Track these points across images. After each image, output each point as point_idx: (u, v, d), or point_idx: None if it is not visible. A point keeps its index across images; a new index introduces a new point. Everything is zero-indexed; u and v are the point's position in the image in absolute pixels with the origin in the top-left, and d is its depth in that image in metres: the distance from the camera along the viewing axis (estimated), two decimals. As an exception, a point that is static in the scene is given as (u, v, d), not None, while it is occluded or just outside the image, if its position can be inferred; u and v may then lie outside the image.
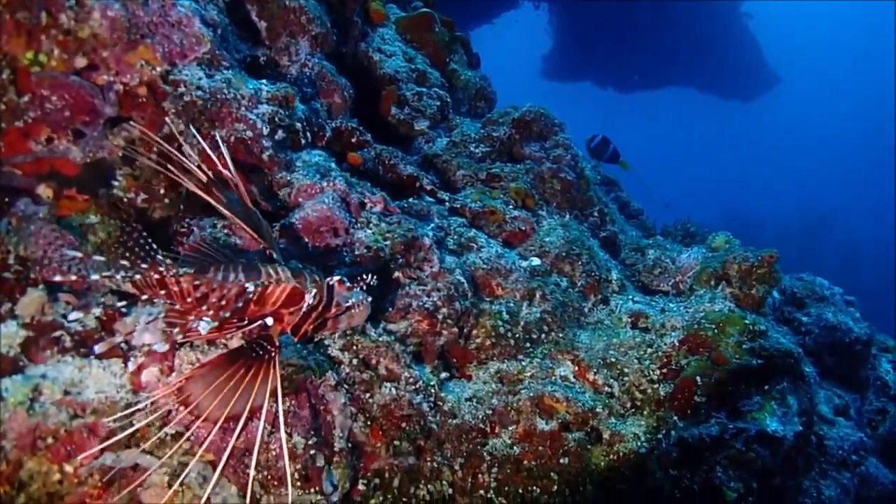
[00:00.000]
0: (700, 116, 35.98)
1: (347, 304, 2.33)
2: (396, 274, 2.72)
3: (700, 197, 34.72)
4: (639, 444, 2.59)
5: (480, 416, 2.70)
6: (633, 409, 2.71)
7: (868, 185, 39.37)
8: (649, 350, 2.80)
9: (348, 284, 2.32)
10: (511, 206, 3.45)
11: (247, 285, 2.20)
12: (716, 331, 2.77)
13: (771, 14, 32.18)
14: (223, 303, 2.20)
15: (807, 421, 2.70)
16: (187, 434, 2.23)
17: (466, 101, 4.82)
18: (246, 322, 2.28)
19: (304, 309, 2.28)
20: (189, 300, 2.21)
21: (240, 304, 2.20)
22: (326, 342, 2.60)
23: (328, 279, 2.31)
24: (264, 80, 2.90)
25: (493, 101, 5.15)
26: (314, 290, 2.27)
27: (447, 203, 3.29)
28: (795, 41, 40.83)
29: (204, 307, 2.20)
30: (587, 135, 6.52)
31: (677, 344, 2.77)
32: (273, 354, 2.21)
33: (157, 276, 2.17)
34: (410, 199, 3.13)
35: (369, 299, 2.36)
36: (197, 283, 2.18)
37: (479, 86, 4.92)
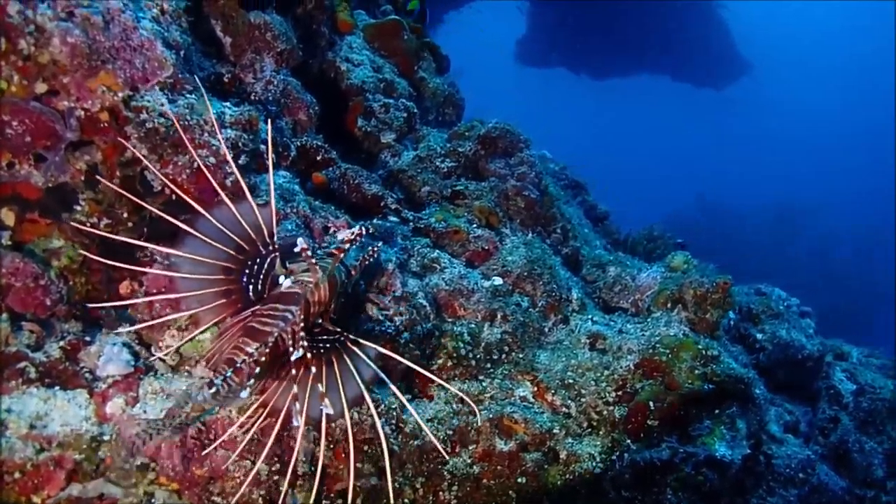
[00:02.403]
0: (674, 105, 36.08)
1: (358, 263, 2.59)
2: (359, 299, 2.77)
3: (675, 185, 34.90)
4: (594, 464, 2.68)
5: (441, 437, 2.76)
6: (590, 430, 2.79)
7: (843, 176, 39.89)
8: (606, 372, 2.88)
9: (346, 247, 2.45)
10: (475, 225, 3.50)
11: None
12: (670, 356, 2.85)
13: (748, 6, 32.29)
14: (304, 332, 2.40)
15: (755, 443, 2.81)
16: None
17: (434, 109, 4.84)
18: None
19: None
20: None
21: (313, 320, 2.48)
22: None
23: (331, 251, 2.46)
24: (228, 103, 2.91)
25: (461, 107, 5.17)
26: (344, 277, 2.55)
27: (411, 223, 3.34)
28: (773, 32, 41.03)
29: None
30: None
31: (633, 367, 2.86)
32: (344, 337, 2.48)
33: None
34: (375, 220, 3.17)
35: (378, 244, 2.61)
36: (270, 345, 2.34)
37: (447, 93, 4.94)
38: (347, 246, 2.43)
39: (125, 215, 2.76)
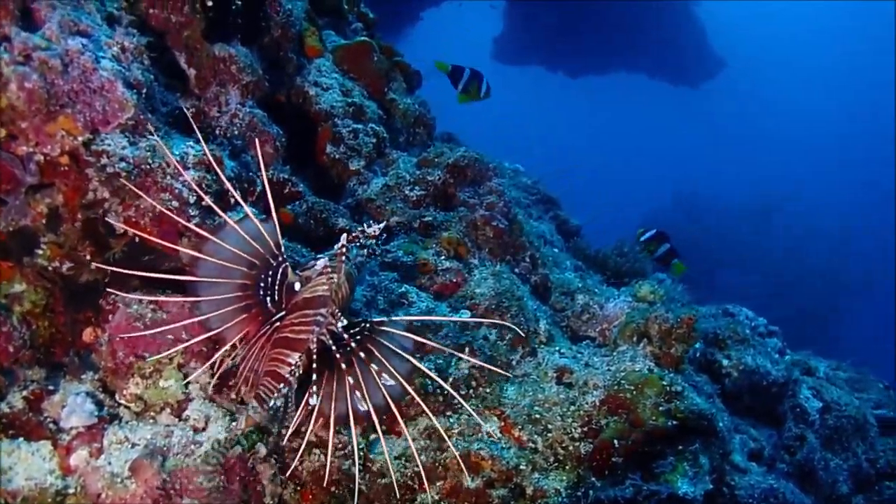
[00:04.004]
0: (651, 102, 36.21)
1: (363, 260, 2.75)
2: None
3: (653, 183, 35.00)
4: (560, 499, 2.70)
5: (409, 474, 2.78)
6: (556, 465, 2.82)
7: (821, 173, 40.35)
8: (572, 408, 2.90)
9: (370, 243, 2.74)
10: (443, 257, 3.51)
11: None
12: (634, 392, 2.88)
13: (724, 6, 32.45)
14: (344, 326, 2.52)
15: (718, 477, 2.85)
16: None
17: (405, 130, 4.82)
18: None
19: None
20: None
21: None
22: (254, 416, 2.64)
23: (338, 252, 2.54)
24: (191, 140, 2.89)
25: (432, 126, 5.15)
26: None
27: (379, 257, 3.34)
28: (749, 31, 41.31)
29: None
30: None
31: (598, 403, 2.88)
32: (369, 323, 2.59)
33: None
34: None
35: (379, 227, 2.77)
36: (314, 350, 2.46)
37: (417, 113, 4.91)
38: (372, 242, 2.70)
39: (88, 257, 2.74)
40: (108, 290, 2.68)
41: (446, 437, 2.67)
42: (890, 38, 40.37)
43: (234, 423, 2.58)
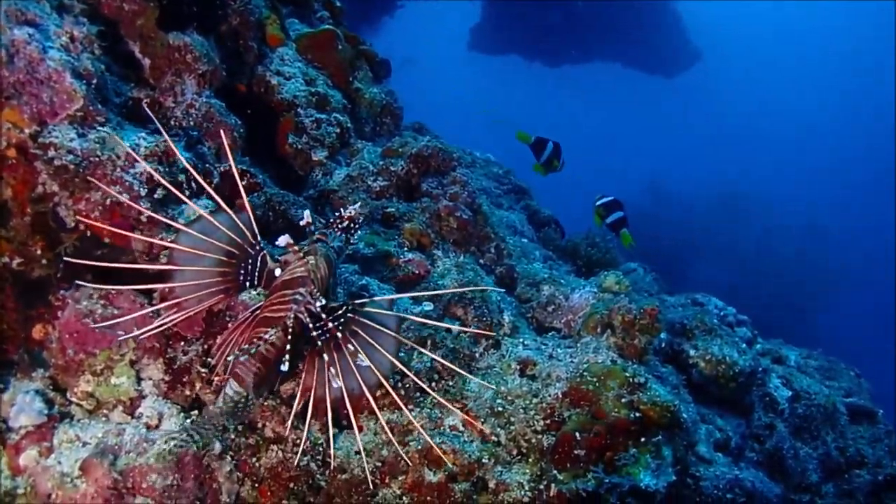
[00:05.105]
0: (626, 92, 36.16)
1: (342, 243, 2.79)
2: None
3: (627, 172, 35.00)
4: (523, 492, 2.68)
5: (370, 468, 2.74)
6: (519, 458, 2.79)
7: (791, 166, 40.71)
8: (535, 400, 2.88)
9: (345, 225, 2.80)
10: (405, 249, 3.47)
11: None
12: (597, 384, 2.86)
13: (703, 5, 32.55)
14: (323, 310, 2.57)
15: (681, 468, 2.84)
16: None
17: (371, 120, 4.76)
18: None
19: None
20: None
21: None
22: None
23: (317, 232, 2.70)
24: (144, 132, 2.83)
25: (399, 115, 5.09)
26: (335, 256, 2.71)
27: (356, 241, 3.29)
28: (727, 23, 41.49)
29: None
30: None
31: (560, 396, 2.86)
32: (352, 305, 2.64)
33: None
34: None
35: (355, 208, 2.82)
36: (290, 327, 2.48)
37: (384, 102, 4.85)
38: (347, 223, 2.76)
39: (39, 252, 2.68)
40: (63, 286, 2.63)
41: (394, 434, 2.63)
42: (869, 39, 40.99)
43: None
